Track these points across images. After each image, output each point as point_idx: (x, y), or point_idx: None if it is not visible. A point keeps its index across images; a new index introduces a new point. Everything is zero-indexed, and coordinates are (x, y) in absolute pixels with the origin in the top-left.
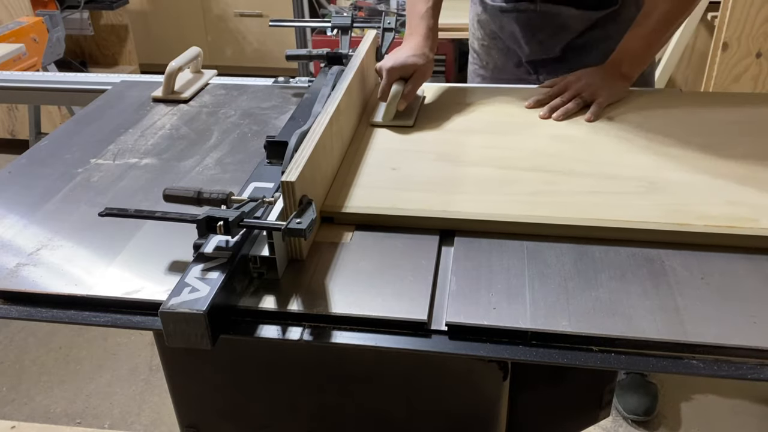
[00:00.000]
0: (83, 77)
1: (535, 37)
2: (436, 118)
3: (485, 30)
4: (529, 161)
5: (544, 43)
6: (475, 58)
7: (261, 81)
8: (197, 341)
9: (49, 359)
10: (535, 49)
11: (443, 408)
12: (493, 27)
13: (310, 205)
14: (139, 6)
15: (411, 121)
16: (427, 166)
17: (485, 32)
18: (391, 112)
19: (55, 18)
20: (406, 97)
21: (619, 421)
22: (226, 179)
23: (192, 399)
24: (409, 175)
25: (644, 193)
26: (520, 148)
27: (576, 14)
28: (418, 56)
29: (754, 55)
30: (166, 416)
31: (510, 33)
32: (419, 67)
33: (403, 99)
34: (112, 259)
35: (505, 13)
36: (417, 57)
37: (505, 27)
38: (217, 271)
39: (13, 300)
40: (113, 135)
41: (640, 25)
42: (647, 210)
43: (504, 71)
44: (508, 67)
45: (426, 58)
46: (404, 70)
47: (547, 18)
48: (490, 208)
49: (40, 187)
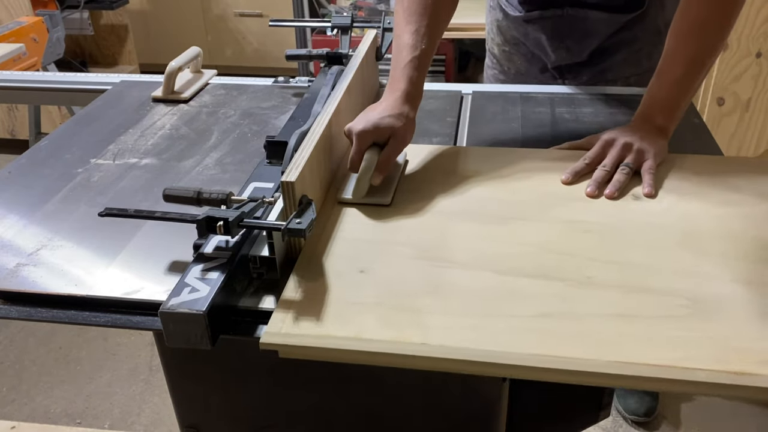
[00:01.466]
0: (83, 77)
1: (563, 43)
2: (420, 193)
3: (506, 36)
4: (537, 262)
5: (572, 49)
6: (495, 63)
7: (261, 81)
8: (197, 341)
9: (49, 359)
10: (562, 56)
11: (443, 408)
12: (515, 33)
13: (310, 205)
14: (139, 6)
15: (387, 199)
16: (403, 267)
17: (505, 38)
18: (363, 188)
19: (55, 18)
20: (381, 168)
21: (619, 422)
22: (226, 179)
23: (192, 399)
24: (380, 283)
25: (687, 319)
26: (526, 242)
27: (604, 18)
28: (395, 117)
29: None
30: (166, 416)
31: (535, 40)
32: (396, 131)
33: (378, 171)
34: (112, 259)
35: (530, 23)
36: (393, 118)
37: (530, 34)
38: (217, 272)
39: (13, 300)
40: (113, 135)
41: (667, 71)
42: (692, 348)
43: (527, 76)
44: (531, 72)
45: (404, 119)
46: (378, 134)
47: (575, 23)
48: (481, 340)
49: (40, 187)
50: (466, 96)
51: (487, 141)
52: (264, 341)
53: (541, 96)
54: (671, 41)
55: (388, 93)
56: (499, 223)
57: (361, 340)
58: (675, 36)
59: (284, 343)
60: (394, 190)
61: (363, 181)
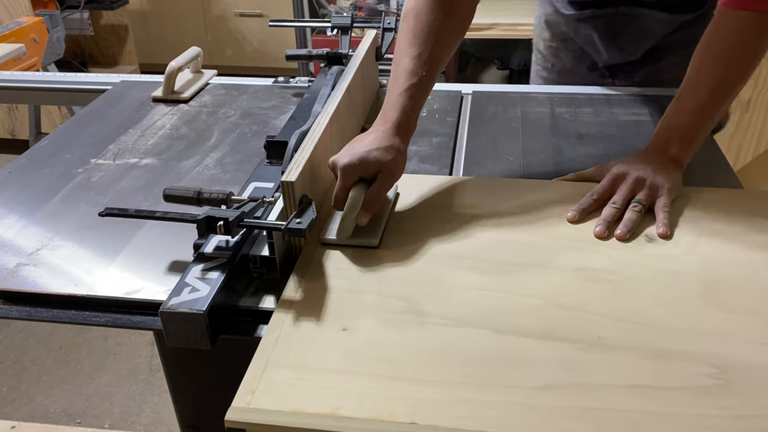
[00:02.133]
0: (83, 77)
1: (616, 42)
2: (411, 233)
3: (554, 31)
4: (542, 317)
5: (626, 48)
6: (540, 59)
7: (261, 81)
8: (197, 341)
9: (49, 359)
10: (615, 55)
11: None
12: (565, 29)
13: (310, 205)
14: (139, 6)
15: (375, 240)
16: (391, 325)
17: (553, 33)
18: (348, 228)
19: (55, 18)
20: (368, 207)
21: None
22: (226, 179)
23: (192, 399)
24: (363, 344)
25: (712, 392)
26: (529, 293)
27: (662, 17)
28: (384, 150)
29: None
30: (166, 416)
31: (586, 37)
32: (385, 165)
33: (364, 210)
34: (112, 259)
35: (581, 21)
36: (382, 151)
37: (581, 31)
38: (217, 271)
39: (13, 300)
40: (113, 135)
41: (688, 97)
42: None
43: (573, 74)
44: (579, 70)
45: (394, 152)
46: (365, 169)
47: (630, 22)
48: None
49: (40, 187)
50: (466, 96)
51: (487, 141)
52: (228, 418)
53: (541, 96)
54: (695, 64)
55: (379, 123)
56: (499, 270)
57: (338, 418)
58: (701, 59)
59: (250, 421)
60: (383, 229)
61: (348, 220)
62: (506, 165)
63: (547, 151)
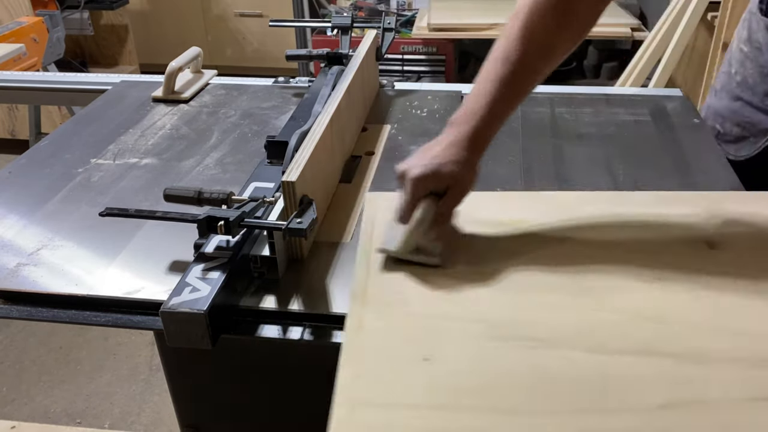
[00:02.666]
0: (83, 77)
1: None
2: (472, 252)
3: (750, 32)
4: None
5: None
6: (727, 58)
7: (261, 81)
8: (198, 341)
9: (49, 359)
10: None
11: None
12: (759, 37)
13: (310, 205)
14: (139, 6)
15: (439, 259)
16: (475, 351)
17: (749, 35)
18: (411, 242)
19: (55, 18)
20: (438, 222)
21: None
22: (227, 179)
23: (192, 399)
24: (448, 374)
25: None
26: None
27: None
28: (458, 163)
29: None
30: (166, 416)
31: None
32: (459, 179)
33: (435, 225)
34: (112, 259)
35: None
36: (456, 164)
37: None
38: (218, 271)
39: (13, 300)
40: (113, 135)
41: None
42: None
43: (752, 92)
44: (759, 89)
45: (468, 165)
46: (437, 182)
47: None
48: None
49: (40, 187)
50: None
51: None
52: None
53: (541, 96)
54: None
55: (452, 127)
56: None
57: None
58: None
59: None
60: (449, 248)
61: (414, 234)
62: (507, 165)
63: (547, 151)
